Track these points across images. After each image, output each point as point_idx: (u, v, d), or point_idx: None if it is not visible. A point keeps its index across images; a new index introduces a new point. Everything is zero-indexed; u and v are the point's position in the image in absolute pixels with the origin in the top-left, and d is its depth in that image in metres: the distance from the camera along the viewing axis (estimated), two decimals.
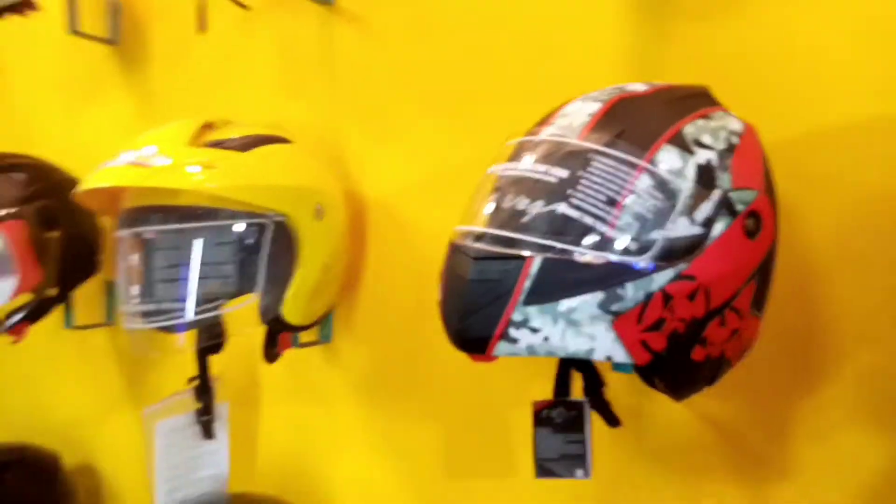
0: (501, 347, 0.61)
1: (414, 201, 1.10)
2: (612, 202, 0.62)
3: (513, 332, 0.60)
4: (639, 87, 0.71)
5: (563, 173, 0.64)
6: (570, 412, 0.87)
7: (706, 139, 0.65)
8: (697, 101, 0.70)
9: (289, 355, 1.16)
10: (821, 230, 0.82)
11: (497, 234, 0.64)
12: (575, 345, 0.61)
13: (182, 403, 1.05)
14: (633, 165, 0.63)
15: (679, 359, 0.65)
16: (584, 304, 0.60)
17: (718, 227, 0.63)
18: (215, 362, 1.06)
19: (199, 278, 0.87)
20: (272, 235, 0.90)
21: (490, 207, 0.67)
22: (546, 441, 0.86)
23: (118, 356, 1.49)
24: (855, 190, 0.80)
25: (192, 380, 1.05)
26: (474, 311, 0.61)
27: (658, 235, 0.62)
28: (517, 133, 0.71)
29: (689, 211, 0.62)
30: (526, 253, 0.61)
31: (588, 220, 0.62)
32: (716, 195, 0.63)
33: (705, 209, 0.63)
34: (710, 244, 0.63)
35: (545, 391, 0.85)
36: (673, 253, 0.62)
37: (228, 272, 0.88)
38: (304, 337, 1.15)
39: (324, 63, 1.20)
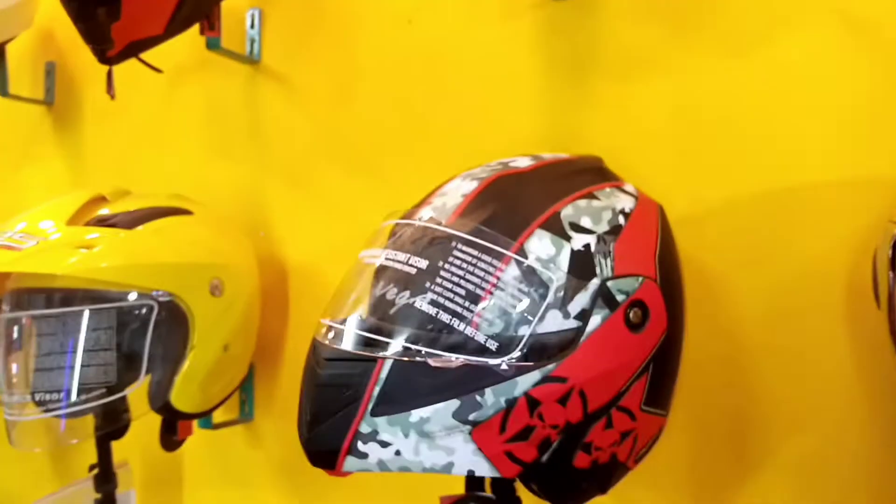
0: (350, 462, 0.54)
1: (338, 265, 1.04)
2: (473, 297, 0.56)
3: (361, 445, 0.54)
4: (523, 161, 0.65)
5: (423, 263, 0.57)
6: None
7: (586, 222, 0.59)
8: (584, 178, 0.63)
9: (210, 435, 1.09)
10: (750, 311, 0.75)
11: (351, 331, 0.58)
12: (430, 459, 0.54)
13: (81, 493, 0.97)
14: (499, 255, 0.57)
15: (558, 468, 0.58)
16: (438, 413, 0.54)
17: (595, 321, 0.56)
18: (132, 440, 0.99)
19: (77, 367, 0.81)
20: (159, 316, 0.83)
21: (350, 299, 0.61)
22: None
23: None
24: (786, 265, 0.74)
25: (92, 468, 0.98)
26: (322, 420, 0.55)
27: (525, 332, 0.55)
28: (398, 212, 0.66)
29: (562, 304, 0.56)
30: (382, 354, 0.55)
31: (445, 318, 0.55)
32: (593, 285, 0.57)
33: (580, 301, 0.56)
34: (585, 340, 0.56)
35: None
36: (543, 351, 0.55)
37: (109, 359, 0.82)
38: (223, 416, 1.08)
39: (249, 123, 1.16)
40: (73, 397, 0.80)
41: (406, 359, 0.54)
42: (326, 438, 0.54)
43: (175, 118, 1.25)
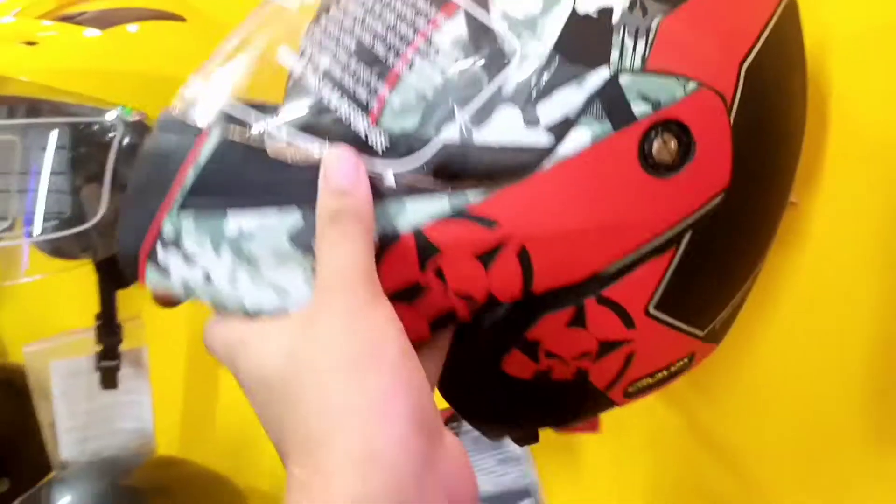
0: (151, 275, 0.36)
1: None
2: (372, 59, 0.34)
3: (162, 252, 0.35)
4: None
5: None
6: None
7: None
8: None
9: None
10: None
11: (198, 96, 0.38)
12: (253, 298, 0.34)
13: (80, 344, 0.88)
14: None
15: (472, 366, 0.36)
16: (267, 228, 0.33)
17: (579, 139, 0.33)
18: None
19: (16, 191, 0.67)
20: (127, 140, 0.68)
21: (226, 50, 0.41)
22: None
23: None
24: None
25: (98, 317, 0.87)
26: (131, 207, 0.37)
27: (448, 136, 0.33)
28: None
29: (528, 99, 0.33)
30: (209, 123, 0.35)
31: (322, 88, 0.34)
32: (596, 78, 0.33)
33: (565, 100, 0.33)
34: (552, 167, 0.33)
35: None
36: (467, 171, 0.33)
37: (60, 185, 0.67)
38: None
39: None
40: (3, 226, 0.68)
41: (238, 135, 0.34)
42: (129, 236, 0.36)
43: None
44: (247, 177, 0.34)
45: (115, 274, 0.85)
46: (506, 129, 0.32)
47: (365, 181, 0.32)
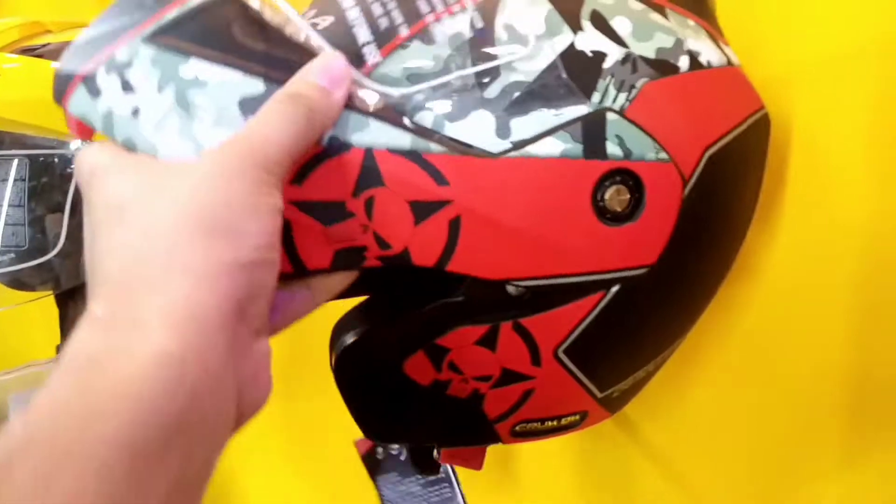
0: (77, 99, 0.32)
1: None
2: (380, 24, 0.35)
3: (103, 76, 0.32)
4: None
5: None
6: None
7: (621, 25, 0.36)
8: None
9: None
10: None
11: None
12: (170, 148, 0.32)
13: (44, 375, 0.86)
14: None
15: (375, 355, 0.37)
16: (224, 84, 0.32)
17: (551, 145, 0.34)
18: None
19: None
20: None
21: None
22: (395, 492, 0.59)
23: None
24: None
25: (59, 349, 0.86)
26: (98, 26, 0.34)
27: (428, 101, 0.34)
28: None
29: (505, 110, 0.34)
30: None
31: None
32: (575, 109, 0.34)
33: (538, 121, 0.34)
34: (510, 156, 0.33)
35: None
36: (435, 130, 0.34)
37: (20, 217, 0.67)
38: None
39: None
40: None
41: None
42: (77, 55, 0.33)
43: None
44: (229, 34, 0.33)
45: (77, 305, 0.84)
46: (476, 132, 0.33)
47: (343, 92, 0.32)
